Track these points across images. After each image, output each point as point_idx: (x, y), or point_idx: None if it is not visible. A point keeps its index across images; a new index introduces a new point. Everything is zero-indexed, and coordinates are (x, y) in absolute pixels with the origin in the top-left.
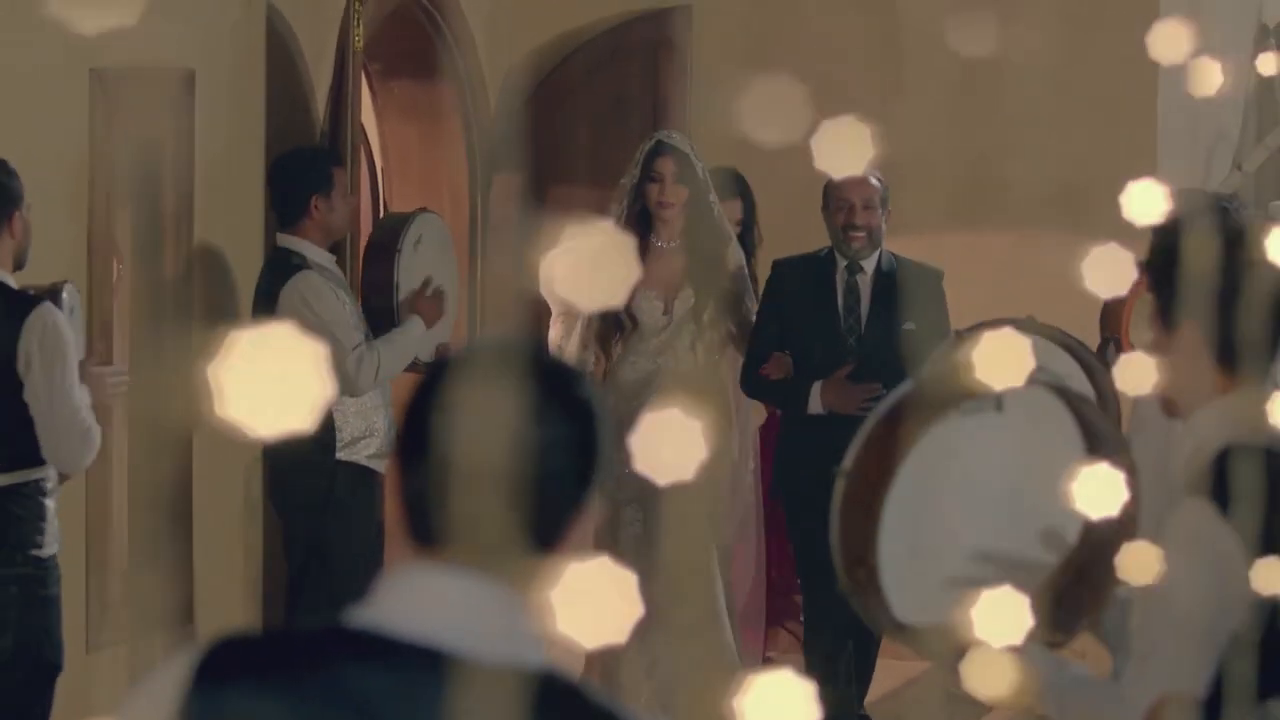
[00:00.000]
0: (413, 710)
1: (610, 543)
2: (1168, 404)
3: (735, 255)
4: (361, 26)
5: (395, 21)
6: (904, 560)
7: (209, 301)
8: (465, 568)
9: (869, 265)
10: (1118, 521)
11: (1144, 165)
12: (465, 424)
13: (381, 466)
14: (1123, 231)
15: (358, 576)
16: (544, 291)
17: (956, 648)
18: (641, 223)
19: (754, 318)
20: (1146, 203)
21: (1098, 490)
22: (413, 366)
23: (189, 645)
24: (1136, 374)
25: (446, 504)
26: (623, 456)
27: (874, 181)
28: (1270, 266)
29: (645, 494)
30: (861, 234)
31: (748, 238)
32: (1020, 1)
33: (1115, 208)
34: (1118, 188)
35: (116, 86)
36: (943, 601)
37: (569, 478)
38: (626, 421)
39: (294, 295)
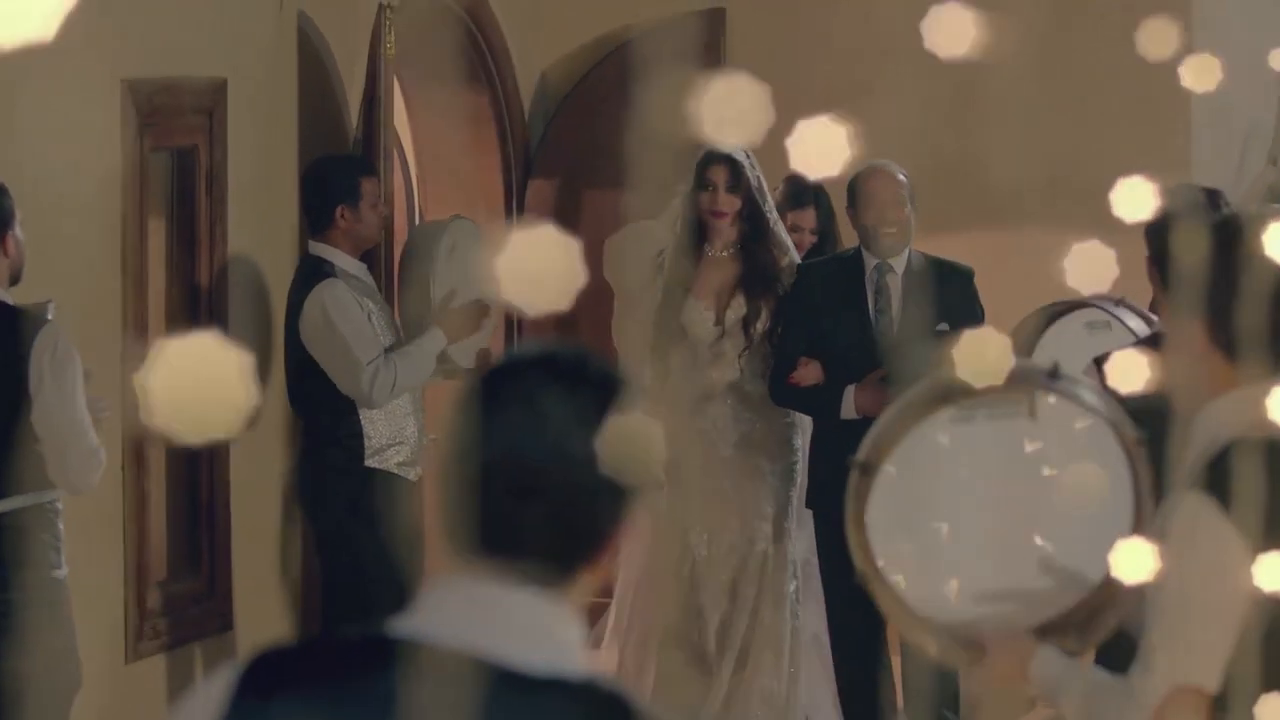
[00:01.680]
0: (456, 718)
1: (678, 565)
2: (1177, 400)
3: (791, 265)
4: (393, 34)
5: (428, 28)
6: (910, 553)
7: (242, 311)
8: (509, 578)
9: (899, 264)
10: None
11: (1177, 161)
12: (511, 433)
13: (412, 474)
14: None
15: (390, 584)
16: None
17: (969, 649)
18: (697, 232)
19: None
20: (1135, 200)
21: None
22: (454, 374)
23: (233, 659)
24: (1128, 370)
25: (491, 514)
26: (676, 475)
27: (901, 177)
28: (1268, 260)
29: (713, 513)
30: (892, 230)
31: (826, 247)
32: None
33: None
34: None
35: (149, 97)
36: (958, 605)
37: (608, 491)
38: (683, 442)
39: (316, 305)
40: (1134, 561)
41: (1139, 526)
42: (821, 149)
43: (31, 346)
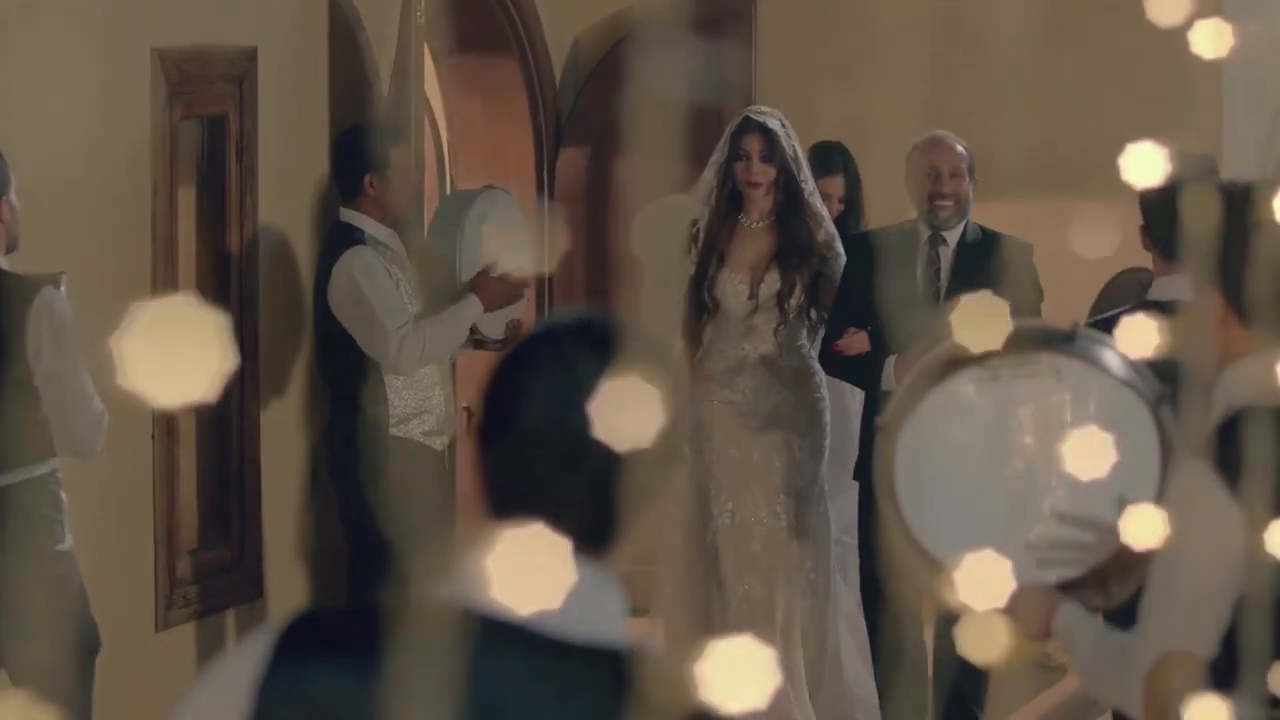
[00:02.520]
0: (496, 685)
1: (699, 534)
2: (1195, 366)
3: (827, 236)
4: (424, 2)
5: None
6: (936, 508)
7: (272, 279)
8: None
9: (952, 237)
10: None
11: (1209, 134)
12: (551, 401)
13: (438, 443)
14: None
15: (415, 552)
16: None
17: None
18: (731, 202)
19: None
20: (1145, 165)
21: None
22: (483, 344)
23: (270, 622)
24: (1138, 336)
25: (528, 481)
26: (705, 445)
27: (960, 148)
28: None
29: (738, 483)
30: (949, 202)
31: (851, 216)
32: None
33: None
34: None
35: (179, 65)
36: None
37: (649, 455)
38: (714, 412)
39: (343, 271)
40: (1143, 527)
41: (1165, 484)
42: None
43: (27, 315)
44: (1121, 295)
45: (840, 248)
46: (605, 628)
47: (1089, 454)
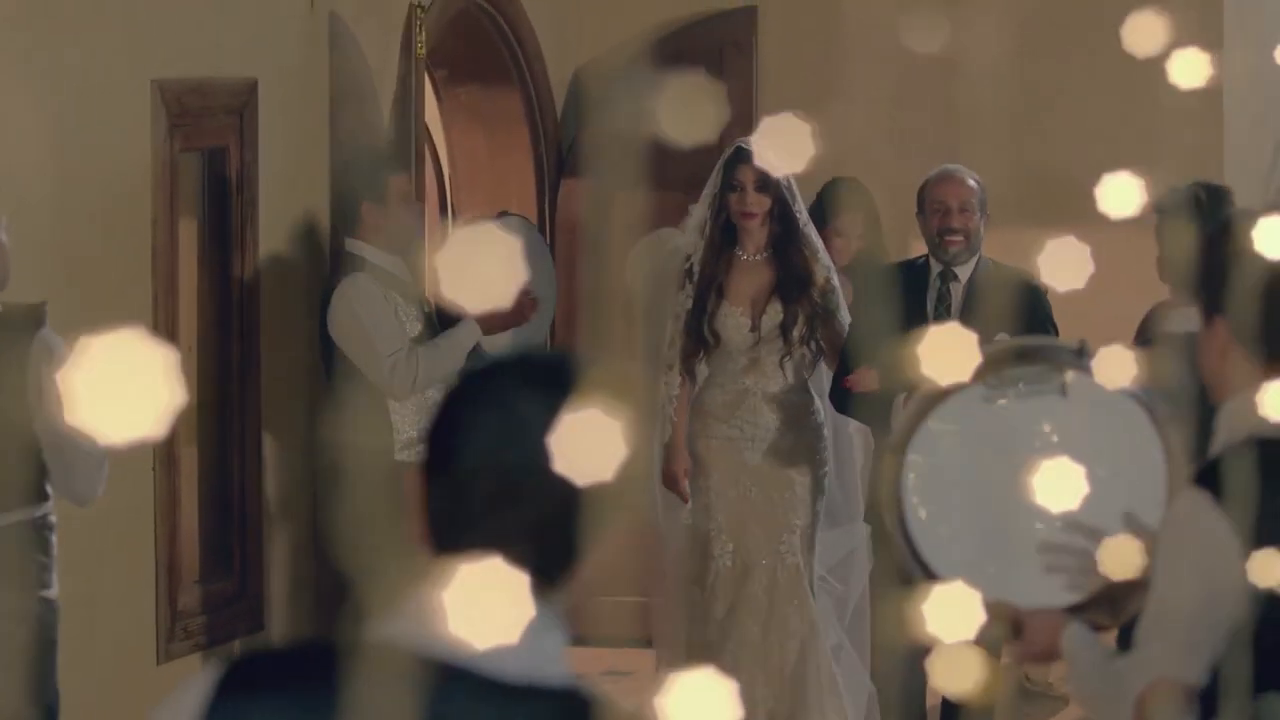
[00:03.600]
0: None
1: (700, 575)
2: (1211, 395)
3: (824, 267)
4: (424, 33)
5: (459, 27)
6: (946, 529)
7: (274, 311)
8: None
9: (964, 273)
10: None
11: (1210, 162)
12: (490, 436)
13: None
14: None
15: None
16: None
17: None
18: (726, 234)
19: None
20: (1121, 196)
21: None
22: None
23: (216, 661)
24: (1115, 367)
25: (471, 517)
26: (703, 484)
27: (971, 183)
28: (1262, 258)
29: (738, 523)
30: (959, 238)
31: (871, 253)
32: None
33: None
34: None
35: (179, 98)
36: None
37: (594, 492)
38: (711, 450)
39: (340, 299)
40: (1120, 558)
41: (1170, 503)
42: (785, 145)
43: (26, 358)
44: (1156, 328)
45: (837, 280)
46: (543, 666)
47: (1059, 484)
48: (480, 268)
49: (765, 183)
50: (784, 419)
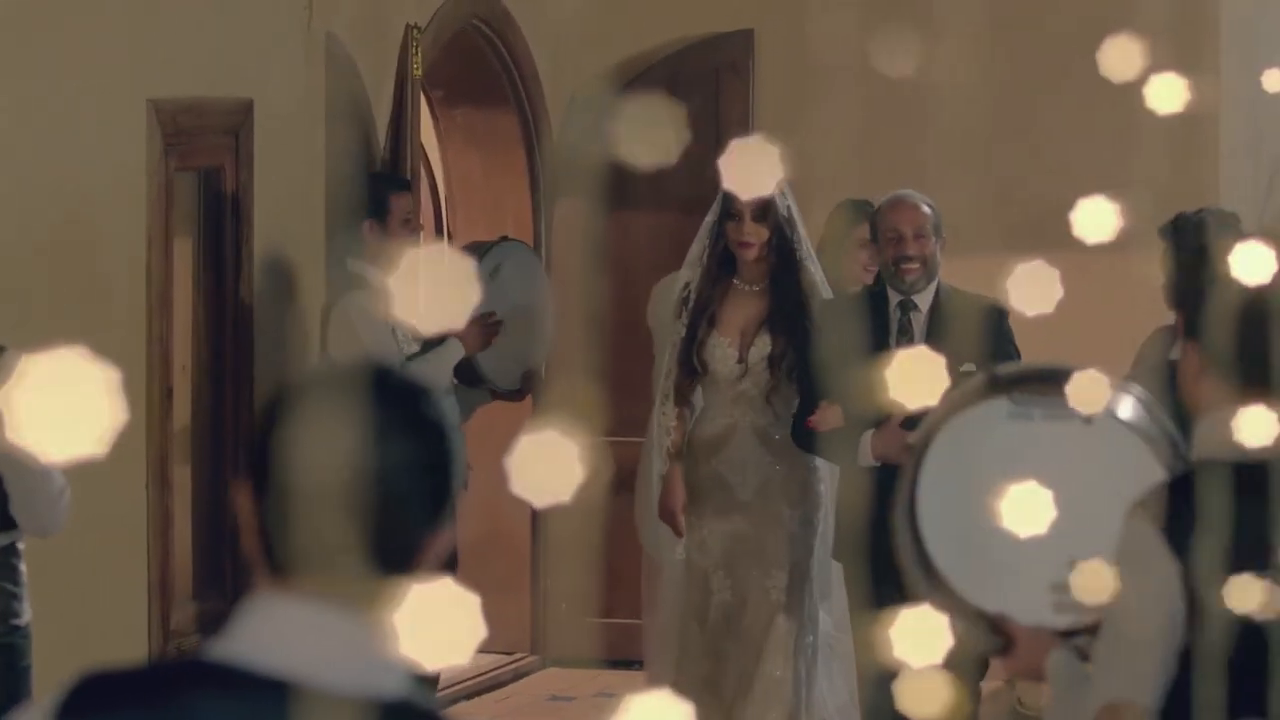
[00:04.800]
0: None
1: (701, 610)
2: (1190, 419)
3: (820, 299)
4: (421, 54)
5: (456, 48)
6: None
7: (268, 331)
8: (317, 597)
9: (924, 301)
10: None
11: (1207, 186)
12: (309, 449)
13: None
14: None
15: None
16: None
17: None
18: (724, 264)
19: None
20: (1097, 220)
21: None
22: (499, 395)
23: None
24: (1089, 392)
25: (295, 532)
26: (697, 520)
27: (925, 208)
28: (1234, 283)
29: (733, 558)
30: (915, 265)
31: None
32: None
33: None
34: (1192, 201)
35: (174, 117)
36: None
37: (419, 500)
38: (703, 483)
39: (336, 316)
40: (1093, 582)
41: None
42: (754, 168)
43: None
44: (1148, 353)
45: None
46: (378, 679)
47: (1027, 508)
48: (432, 290)
49: (764, 213)
50: (774, 454)
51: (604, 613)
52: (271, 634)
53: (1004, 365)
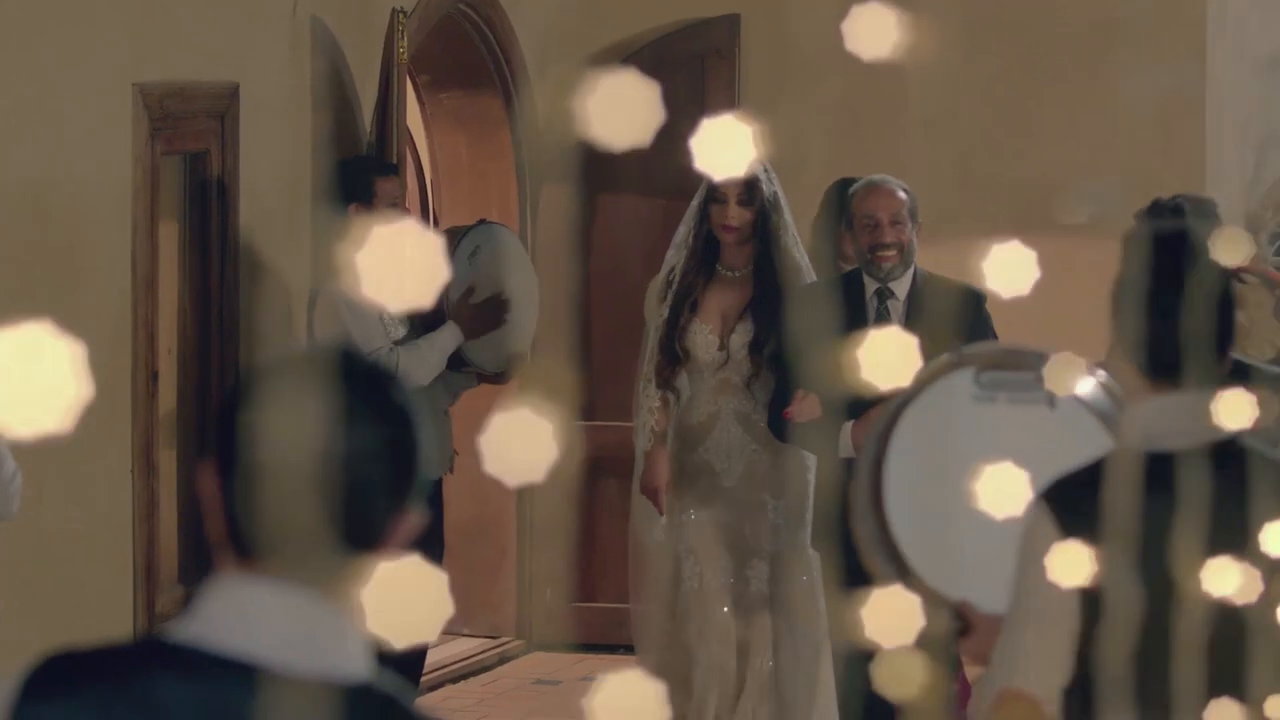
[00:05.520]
0: None
1: (670, 597)
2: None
3: (796, 287)
4: (407, 38)
5: (442, 33)
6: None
7: (254, 315)
8: (281, 579)
9: (900, 289)
10: None
11: (1193, 167)
12: (273, 432)
13: (430, 473)
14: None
15: None
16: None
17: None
18: (709, 248)
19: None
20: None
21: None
22: (485, 378)
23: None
24: (1064, 375)
25: (259, 515)
26: (678, 505)
27: (901, 194)
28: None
29: (703, 546)
30: (891, 252)
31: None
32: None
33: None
34: (1179, 187)
35: (160, 101)
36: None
37: (383, 483)
38: (686, 471)
39: (322, 299)
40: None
41: None
42: (727, 147)
43: None
44: None
45: None
46: (338, 661)
47: (1002, 490)
48: (399, 267)
49: (750, 197)
50: (758, 442)
51: (588, 597)
52: (235, 616)
53: (969, 347)
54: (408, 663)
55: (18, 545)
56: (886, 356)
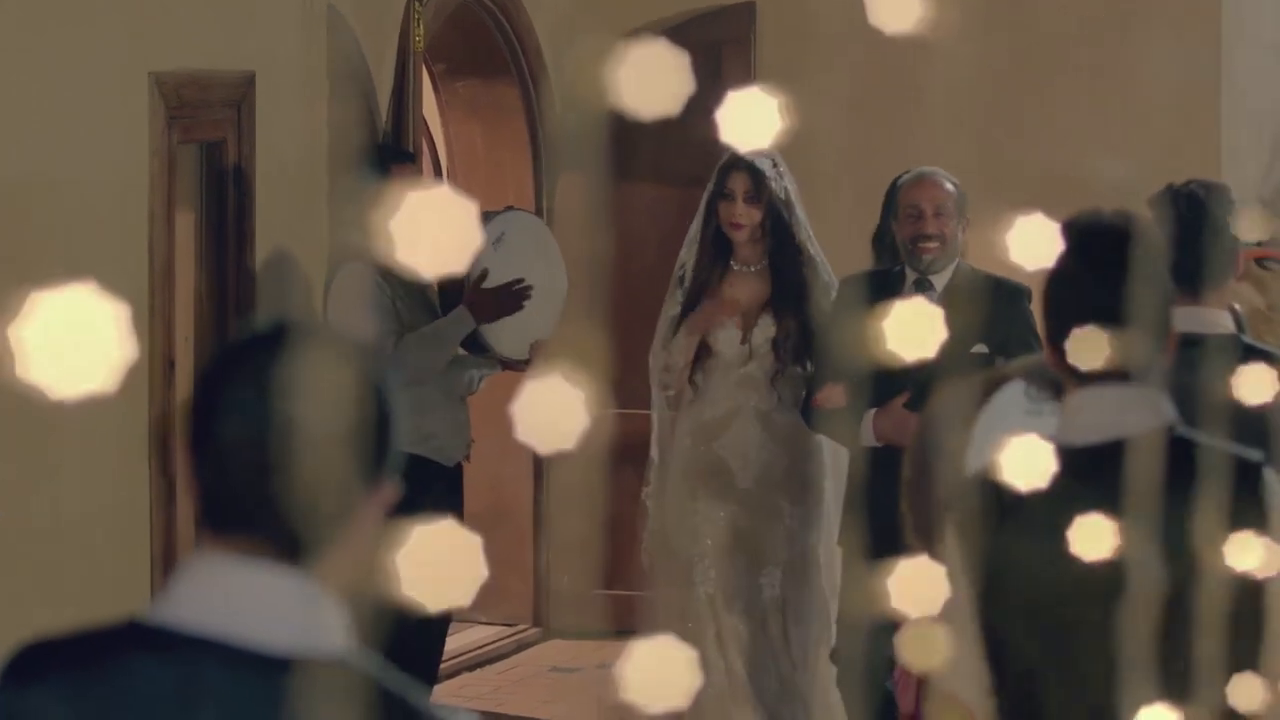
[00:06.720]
0: (196, 704)
1: (683, 607)
2: None
3: (824, 284)
4: (422, 26)
5: (458, 21)
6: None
7: (271, 303)
8: (255, 556)
9: (940, 281)
10: None
11: (1209, 152)
12: (246, 409)
13: (448, 460)
14: None
15: None
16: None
17: None
18: (720, 243)
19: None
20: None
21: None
22: (510, 366)
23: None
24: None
25: (233, 492)
26: (692, 505)
27: (948, 186)
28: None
29: (719, 549)
30: (934, 244)
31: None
32: None
33: None
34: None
35: (177, 90)
36: None
37: (355, 457)
38: (701, 468)
39: (335, 286)
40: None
41: None
42: (752, 120)
43: None
44: None
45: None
46: (312, 637)
47: (1028, 461)
48: (434, 232)
49: (758, 194)
50: (776, 441)
51: (606, 584)
52: (209, 594)
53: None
54: (426, 651)
55: (36, 533)
56: (912, 327)
